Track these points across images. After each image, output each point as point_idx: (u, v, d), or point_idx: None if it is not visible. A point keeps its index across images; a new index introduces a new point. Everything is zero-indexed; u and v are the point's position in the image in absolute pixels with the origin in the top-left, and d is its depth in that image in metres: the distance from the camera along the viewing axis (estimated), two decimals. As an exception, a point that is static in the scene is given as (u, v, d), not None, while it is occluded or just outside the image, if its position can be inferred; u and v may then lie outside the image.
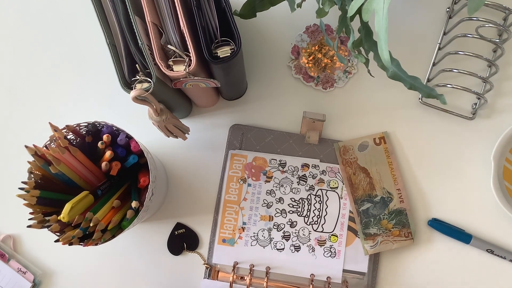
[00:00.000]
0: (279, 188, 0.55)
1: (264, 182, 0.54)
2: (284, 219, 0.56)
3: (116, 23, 0.45)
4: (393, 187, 0.53)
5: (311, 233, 0.57)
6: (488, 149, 0.60)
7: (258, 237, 0.57)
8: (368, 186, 0.53)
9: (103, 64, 0.64)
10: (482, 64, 0.61)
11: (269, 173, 0.53)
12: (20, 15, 0.66)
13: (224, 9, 0.47)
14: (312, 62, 0.63)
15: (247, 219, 0.57)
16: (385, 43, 0.41)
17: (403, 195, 0.55)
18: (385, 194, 0.53)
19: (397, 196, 0.55)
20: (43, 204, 0.49)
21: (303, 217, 0.56)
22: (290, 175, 0.54)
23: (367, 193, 0.53)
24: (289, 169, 0.53)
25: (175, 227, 0.62)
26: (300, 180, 0.55)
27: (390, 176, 0.52)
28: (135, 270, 0.62)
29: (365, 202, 0.54)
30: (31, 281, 0.60)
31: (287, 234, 0.57)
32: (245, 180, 0.53)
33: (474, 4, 0.41)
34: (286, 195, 0.55)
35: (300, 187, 0.55)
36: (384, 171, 0.53)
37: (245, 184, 0.54)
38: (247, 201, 0.56)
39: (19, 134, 0.64)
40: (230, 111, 0.64)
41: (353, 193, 0.54)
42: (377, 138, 0.52)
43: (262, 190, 0.55)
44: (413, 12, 0.64)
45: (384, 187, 0.53)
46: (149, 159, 0.50)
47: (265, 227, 0.57)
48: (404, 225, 0.56)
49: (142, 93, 0.44)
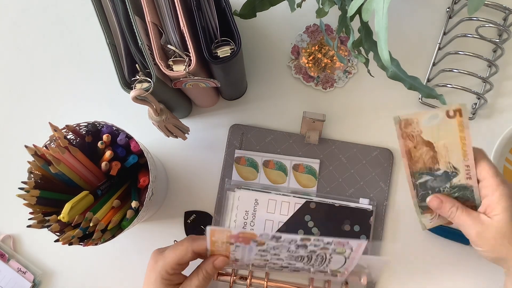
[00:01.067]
0: (274, 250, 0.47)
1: (255, 245, 0.46)
2: (282, 261, 0.51)
3: (116, 23, 0.45)
4: (461, 163, 0.46)
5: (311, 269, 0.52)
6: (488, 149, 0.60)
7: (254, 265, 0.53)
8: (431, 160, 0.46)
9: (103, 64, 0.64)
10: (482, 64, 0.61)
11: (261, 242, 0.46)
12: (20, 15, 0.66)
13: (224, 9, 0.47)
14: (312, 62, 0.63)
15: (240, 256, 0.50)
16: (385, 43, 0.41)
17: (472, 173, 0.47)
18: (449, 169, 0.46)
19: (464, 172, 0.47)
20: (43, 204, 0.49)
21: (302, 262, 0.50)
22: (287, 243, 0.44)
23: (427, 166, 0.47)
24: (285, 240, 0.44)
25: (185, 216, 0.62)
26: (298, 247, 0.46)
27: (461, 151, 0.45)
28: (135, 270, 0.62)
29: (423, 175, 0.47)
30: (31, 281, 0.60)
31: (285, 266, 0.52)
32: (231, 243, 0.45)
33: (474, 4, 0.41)
34: (282, 254, 0.47)
35: (300, 250, 0.47)
36: (453, 146, 0.45)
37: (232, 245, 0.46)
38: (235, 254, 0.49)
39: (19, 134, 0.64)
40: (230, 111, 0.64)
41: (411, 166, 0.47)
42: (451, 111, 0.43)
43: (253, 251, 0.47)
44: (413, 12, 0.64)
45: (449, 161, 0.46)
46: (149, 159, 0.50)
47: (262, 264, 0.52)
48: (468, 199, 0.49)
49: (142, 93, 0.44)
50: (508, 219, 0.44)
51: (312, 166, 0.62)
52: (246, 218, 0.60)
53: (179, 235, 0.62)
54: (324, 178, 0.61)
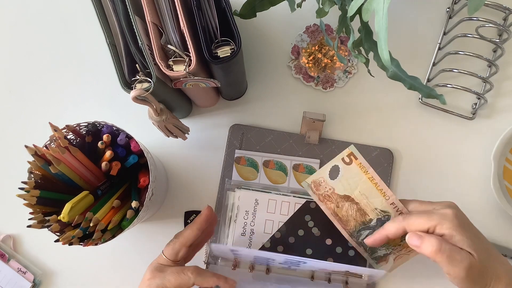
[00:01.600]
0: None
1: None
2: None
3: (116, 23, 0.45)
4: (385, 203, 0.46)
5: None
6: (488, 149, 0.60)
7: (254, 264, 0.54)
8: (358, 213, 0.47)
9: (103, 64, 0.64)
10: (482, 64, 0.61)
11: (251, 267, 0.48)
12: (20, 15, 0.66)
13: (224, 9, 0.47)
14: (312, 62, 0.63)
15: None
16: (385, 43, 0.41)
17: (399, 206, 0.48)
18: (380, 215, 0.47)
19: (394, 211, 0.48)
20: (43, 204, 0.49)
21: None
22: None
23: (360, 222, 0.47)
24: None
25: (185, 216, 0.62)
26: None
27: (377, 192, 0.45)
28: (135, 270, 0.62)
29: (361, 231, 0.48)
30: (31, 281, 0.60)
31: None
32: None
33: (474, 4, 0.41)
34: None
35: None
36: (368, 190, 0.45)
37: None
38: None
39: (19, 134, 0.64)
40: (230, 111, 0.64)
41: (345, 227, 0.48)
42: (345, 157, 0.44)
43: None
44: (413, 12, 0.64)
45: (375, 207, 0.46)
46: (149, 159, 0.50)
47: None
48: None
49: (142, 93, 0.44)
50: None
51: (312, 166, 0.62)
52: (246, 218, 0.60)
53: (179, 235, 0.62)
54: (324, 178, 0.62)
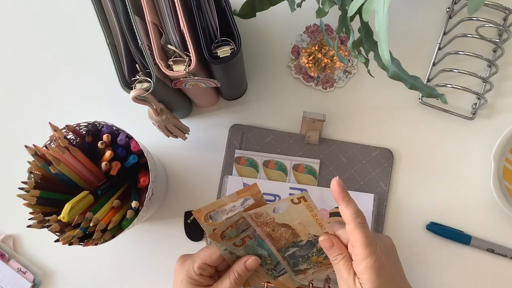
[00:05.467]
0: None
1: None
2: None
3: (116, 23, 0.45)
4: (320, 231, 0.46)
5: None
6: (488, 149, 0.60)
7: None
8: (291, 236, 0.47)
9: (103, 64, 0.64)
10: (482, 64, 0.61)
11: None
12: (20, 15, 0.66)
13: (224, 9, 0.47)
14: (312, 62, 0.63)
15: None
16: (385, 43, 0.41)
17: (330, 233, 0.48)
18: (311, 238, 0.47)
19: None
20: (43, 204, 0.49)
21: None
22: None
23: (290, 241, 0.48)
24: None
25: (185, 216, 0.62)
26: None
27: (316, 224, 0.46)
28: (135, 270, 0.62)
29: (289, 248, 0.48)
30: (31, 281, 0.60)
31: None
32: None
33: (474, 4, 0.41)
34: None
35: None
36: (308, 222, 0.46)
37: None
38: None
39: (19, 134, 0.64)
40: (230, 111, 0.64)
41: (275, 244, 0.48)
42: (295, 199, 0.44)
43: None
44: (413, 12, 0.64)
45: (309, 233, 0.47)
46: (149, 159, 0.50)
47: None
48: None
49: (142, 93, 0.44)
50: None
51: (312, 166, 0.62)
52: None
53: (179, 235, 0.62)
54: (324, 178, 0.61)
